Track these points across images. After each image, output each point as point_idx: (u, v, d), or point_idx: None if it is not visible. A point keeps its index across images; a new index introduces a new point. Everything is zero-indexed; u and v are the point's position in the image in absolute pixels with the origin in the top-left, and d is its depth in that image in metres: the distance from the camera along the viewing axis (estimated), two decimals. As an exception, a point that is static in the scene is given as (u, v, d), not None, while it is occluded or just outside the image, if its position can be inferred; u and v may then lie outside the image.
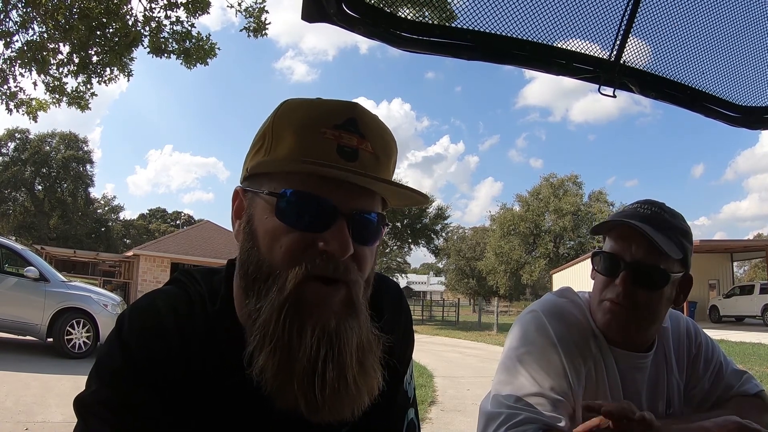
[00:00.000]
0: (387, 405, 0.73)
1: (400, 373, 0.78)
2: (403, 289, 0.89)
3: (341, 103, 0.65)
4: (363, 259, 0.64)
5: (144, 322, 0.66)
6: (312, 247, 0.60)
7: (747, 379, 1.15)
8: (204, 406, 0.64)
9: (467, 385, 7.56)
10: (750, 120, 1.50)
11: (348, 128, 0.62)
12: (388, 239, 30.77)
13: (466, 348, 13.67)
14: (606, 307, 1.04)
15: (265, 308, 0.60)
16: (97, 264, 35.81)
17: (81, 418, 0.64)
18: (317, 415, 0.59)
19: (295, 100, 0.66)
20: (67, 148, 51.51)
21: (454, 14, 1.23)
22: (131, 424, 0.61)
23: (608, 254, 1.06)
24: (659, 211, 1.06)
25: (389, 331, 0.69)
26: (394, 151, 0.68)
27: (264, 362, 0.58)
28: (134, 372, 0.62)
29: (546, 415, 0.94)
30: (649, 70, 1.39)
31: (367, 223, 0.63)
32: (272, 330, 0.59)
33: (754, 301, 19.46)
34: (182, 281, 0.73)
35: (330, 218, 0.60)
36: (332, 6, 1.10)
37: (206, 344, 0.65)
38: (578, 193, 38.50)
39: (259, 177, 0.65)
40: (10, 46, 6.77)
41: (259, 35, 7.31)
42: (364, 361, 0.61)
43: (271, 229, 0.61)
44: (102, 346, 0.68)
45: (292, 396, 0.59)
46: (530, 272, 37.32)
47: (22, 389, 5.32)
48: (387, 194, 0.66)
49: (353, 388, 0.59)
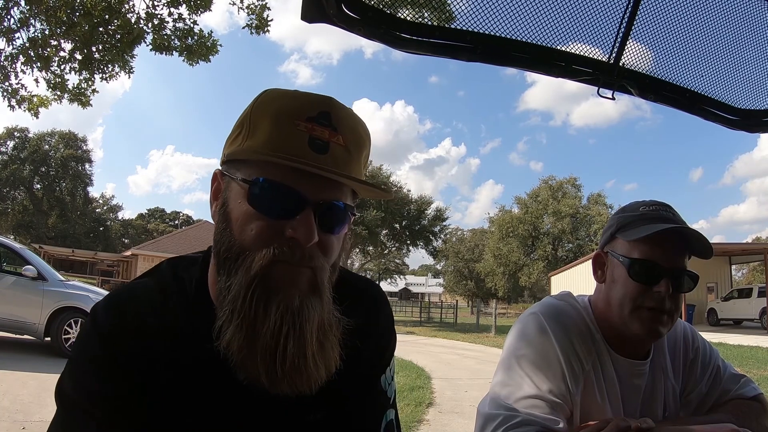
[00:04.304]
0: (359, 400, 0.77)
1: (376, 367, 0.82)
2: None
3: (317, 96, 0.67)
4: (329, 246, 0.67)
5: (119, 311, 0.68)
6: (280, 233, 0.63)
7: (745, 382, 1.14)
8: (177, 384, 0.66)
9: (465, 387, 7.55)
10: (749, 123, 1.50)
11: (321, 121, 0.65)
12: (387, 240, 30.77)
13: (464, 350, 13.65)
14: (646, 315, 1.01)
15: (234, 285, 0.63)
16: (96, 263, 35.79)
17: (60, 407, 0.67)
18: (277, 387, 0.63)
19: (274, 91, 0.69)
20: (66, 147, 51.48)
21: (453, 15, 1.23)
22: (108, 413, 0.64)
23: (644, 261, 1.02)
24: (675, 213, 1.06)
25: (364, 331, 0.74)
26: (367, 145, 0.71)
27: (231, 336, 0.62)
28: (111, 361, 0.65)
29: (544, 417, 0.94)
30: (648, 73, 1.39)
31: (334, 213, 0.66)
32: (240, 305, 0.62)
33: (752, 304, 19.48)
34: (162, 270, 0.76)
35: (298, 207, 0.63)
36: (332, 6, 1.10)
37: (181, 328, 0.68)
38: (577, 195, 38.53)
39: (235, 163, 0.67)
40: (11, 42, 6.77)
41: (261, 32, 7.34)
42: (324, 340, 0.65)
43: (243, 213, 0.65)
44: (77, 337, 0.70)
45: (255, 368, 0.62)
46: (528, 274, 37.33)
47: (20, 388, 5.31)
48: (355, 186, 0.68)
49: (312, 364, 0.63)
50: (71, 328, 7.45)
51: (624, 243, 1.06)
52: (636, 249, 1.03)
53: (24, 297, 7.34)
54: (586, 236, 37.86)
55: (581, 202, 38.43)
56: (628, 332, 1.04)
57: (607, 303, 1.08)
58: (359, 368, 0.74)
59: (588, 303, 1.14)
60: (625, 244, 1.06)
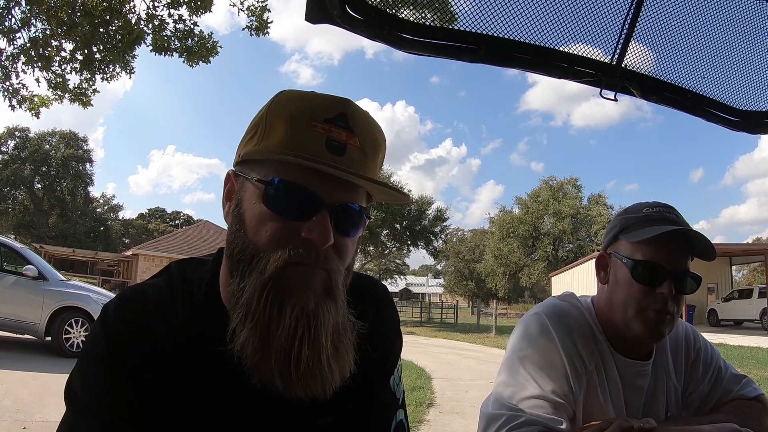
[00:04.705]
0: (369, 402, 0.76)
1: (384, 369, 0.81)
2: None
3: (334, 98, 0.67)
4: (344, 248, 0.66)
5: (129, 312, 0.68)
6: (295, 234, 0.62)
7: (746, 383, 1.15)
8: (187, 387, 0.66)
9: (465, 388, 7.55)
10: (750, 124, 1.51)
11: (338, 123, 0.64)
12: (387, 240, 30.76)
13: (465, 350, 13.65)
14: (651, 317, 1.02)
15: (248, 287, 0.62)
16: (96, 263, 35.80)
17: (69, 407, 0.66)
18: (291, 390, 0.62)
19: (290, 92, 0.68)
20: (67, 146, 51.51)
21: (455, 16, 1.23)
22: (115, 413, 0.64)
23: (647, 263, 1.02)
24: (679, 215, 1.06)
25: (371, 332, 0.72)
26: (382, 147, 0.70)
27: (245, 338, 0.61)
28: (120, 361, 0.64)
29: (547, 417, 0.94)
30: (650, 74, 1.39)
31: (350, 215, 0.66)
32: (254, 307, 0.61)
33: (752, 305, 19.47)
34: (172, 272, 0.76)
35: (314, 209, 0.62)
36: (335, 7, 1.10)
37: (190, 329, 0.67)
38: (577, 196, 38.55)
39: (250, 163, 0.67)
40: (12, 42, 6.78)
41: (261, 34, 7.33)
42: (338, 343, 0.64)
43: (258, 214, 0.64)
44: (87, 337, 0.70)
45: (269, 371, 0.61)
46: (529, 275, 37.33)
47: (21, 388, 5.31)
48: (371, 189, 0.68)
49: (326, 368, 0.62)
50: (72, 327, 7.46)
51: (627, 245, 1.06)
52: (639, 251, 1.03)
53: (25, 297, 7.35)
54: (586, 237, 37.88)
55: (582, 202, 38.46)
56: (630, 333, 1.04)
57: (609, 304, 1.08)
58: (368, 370, 0.72)
59: (591, 303, 1.14)
60: (628, 245, 1.06)
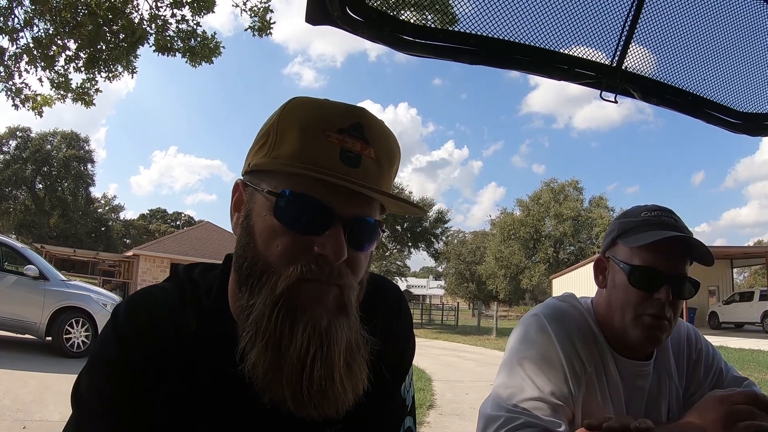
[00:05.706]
0: (379, 410, 0.73)
1: (393, 379, 0.77)
2: (402, 292, 0.88)
3: (348, 106, 0.64)
4: (357, 263, 0.64)
5: (139, 315, 0.67)
6: (308, 249, 0.60)
7: (747, 385, 1.14)
8: (196, 399, 0.65)
9: (466, 390, 7.54)
10: (751, 126, 1.50)
11: (353, 133, 0.62)
12: (388, 242, 30.78)
13: (465, 352, 13.63)
14: (648, 322, 1.01)
15: (258, 304, 0.60)
16: (97, 263, 35.81)
17: (75, 408, 0.65)
18: (303, 411, 0.60)
19: (302, 99, 0.66)
20: (69, 147, 51.58)
21: (456, 18, 1.23)
22: (124, 417, 0.63)
23: (645, 268, 1.02)
24: (678, 219, 1.06)
25: (382, 335, 0.69)
26: (397, 158, 0.68)
27: (256, 358, 0.59)
28: (129, 364, 0.63)
29: (545, 419, 0.94)
30: (650, 76, 1.39)
31: (364, 229, 0.63)
32: (265, 326, 0.59)
33: (753, 307, 19.44)
34: (180, 276, 0.74)
35: (327, 222, 0.60)
36: (336, 9, 1.10)
37: (199, 338, 0.66)
38: (579, 198, 38.59)
39: (260, 173, 0.64)
40: (16, 42, 6.80)
41: (264, 34, 7.33)
42: (352, 362, 0.62)
43: (268, 227, 0.61)
44: (97, 339, 0.69)
45: (280, 391, 0.59)
46: (530, 277, 37.32)
47: (21, 387, 5.31)
48: (385, 201, 0.65)
49: (339, 388, 0.60)
50: (72, 327, 7.47)
51: (625, 249, 1.06)
52: (637, 255, 1.03)
53: (25, 296, 7.36)
54: (587, 239, 37.86)
55: (583, 204, 38.50)
56: (627, 338, 1.04)
57: (608, 308, 1.08)
58: (380, 377, 0.69)
59: (591, 305, 1.14)
60: (626, 250, 1.05)
